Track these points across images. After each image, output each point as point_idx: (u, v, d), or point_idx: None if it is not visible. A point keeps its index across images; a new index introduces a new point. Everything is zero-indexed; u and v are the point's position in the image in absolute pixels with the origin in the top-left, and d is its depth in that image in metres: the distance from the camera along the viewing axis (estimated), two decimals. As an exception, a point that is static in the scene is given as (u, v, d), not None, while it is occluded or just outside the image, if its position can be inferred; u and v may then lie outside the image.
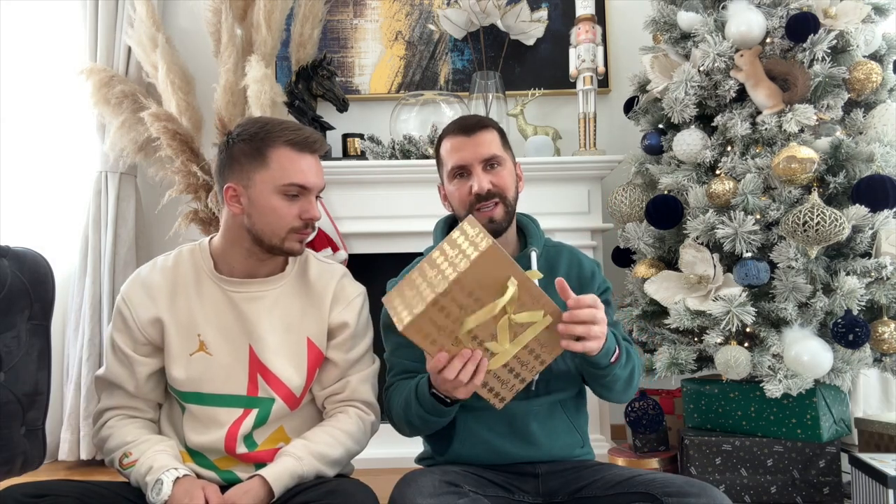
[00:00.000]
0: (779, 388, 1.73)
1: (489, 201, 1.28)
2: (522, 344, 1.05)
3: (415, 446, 1.46)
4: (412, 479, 1.14)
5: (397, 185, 2.47)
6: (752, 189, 1.82)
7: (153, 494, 1.12)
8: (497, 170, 1.30)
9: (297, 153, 1.21)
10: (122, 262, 2.56)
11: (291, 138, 1.21)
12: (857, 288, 1.72)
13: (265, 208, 1.21)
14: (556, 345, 1.07)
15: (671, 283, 1.98)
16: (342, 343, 1.31)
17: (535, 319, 1.03)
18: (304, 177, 1.21)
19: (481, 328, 1.02)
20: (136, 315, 1.25)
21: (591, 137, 2.57)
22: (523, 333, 1.04)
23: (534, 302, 1.03)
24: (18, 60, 2.58)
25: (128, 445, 1.21)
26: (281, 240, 1.23)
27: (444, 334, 1.00)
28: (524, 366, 1.08)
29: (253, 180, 1.21)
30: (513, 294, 0.99)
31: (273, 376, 1.25)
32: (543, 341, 1.06)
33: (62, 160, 2.64)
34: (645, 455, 2.09)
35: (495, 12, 2.64)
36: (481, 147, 1.29)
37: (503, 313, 1.01)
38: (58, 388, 2.51)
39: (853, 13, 1.85)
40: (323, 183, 1.27)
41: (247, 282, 1.27)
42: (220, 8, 2.46)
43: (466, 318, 1.00)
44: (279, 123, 1.23)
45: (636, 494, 1.11)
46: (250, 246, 1.25)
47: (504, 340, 1.03)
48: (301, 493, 1.13)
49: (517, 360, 1.07)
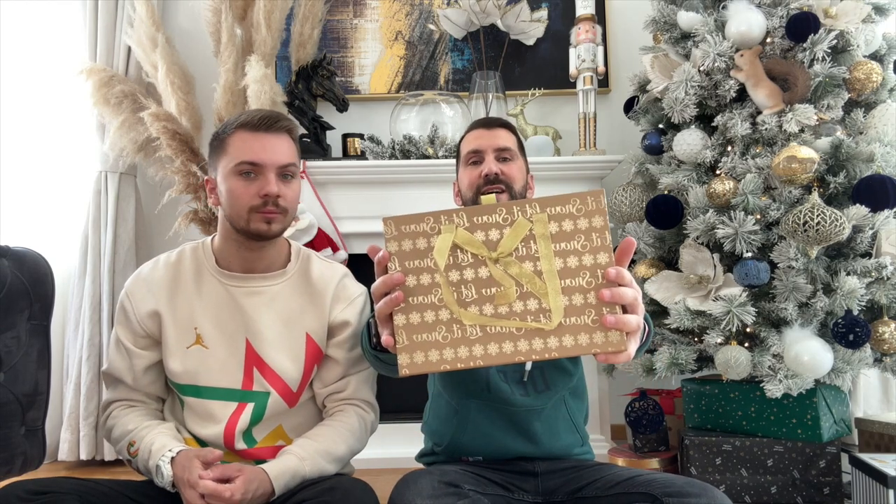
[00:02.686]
0: (779, 388, 1.73)
1: (496, 185, 1.33)
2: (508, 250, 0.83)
3: (415, 446, 1.46)
4: (411, 480, 1.13)
5: (397, 185, 2.47)
6: (752, 189, 1.82)
7: (158, 480, 1.16)
8: (508, 162, 1.36)
9: (251, 133, 1.22)
10: (122, 262, 2.56)
11: (245, 121, 1.23)
12: (858, 288, 1.72)
13: (227, 192, 1.23)
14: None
15: (671, 283, 1.98)
16: (344, 341, 1.32)
17: (522, 233, 0.83)
18: (255, 154, 1.21)
19: (479, 298, 0.83)
20: (136, 308, 1.28)
21: (591, 137, 2.57)
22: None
23: (502, 218, 0.84)
24: (18, 60, 2.58)
25: (130, 434, 1.24)
26: (246, 221, 1.22)
27: (439, 334, 0.82)
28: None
29: (218, 170, 1.26)
30: (455, 237, 0.83)
31: (269, 370, 1.27)
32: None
33: (62, 160, 2.63)
34: (645, 455, 2.09)
35: (495, 12, 2.64)
36: (498, 139, 1.37)
37: (480, 264, 0.83)
38: (58, 388, 2.51)
39: (853, 13, 1.85)
40: (285, 160, 1.23)
41: (247, 277, 1.29)
42: (220, 8, 2.46)
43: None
44: (243, 113, 1.26)
45: (636, 494, 1.11)
46: (236, 237, 1.27)
47: (509, 285, 0.82)
48: (300, 491, 1.13)
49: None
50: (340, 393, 1.33)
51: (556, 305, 0.81)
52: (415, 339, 0.82)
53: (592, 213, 0.83)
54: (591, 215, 0.83)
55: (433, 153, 2.45)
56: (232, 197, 1.23)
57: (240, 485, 1.10)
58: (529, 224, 0.83)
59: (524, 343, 0.81)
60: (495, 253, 0.83)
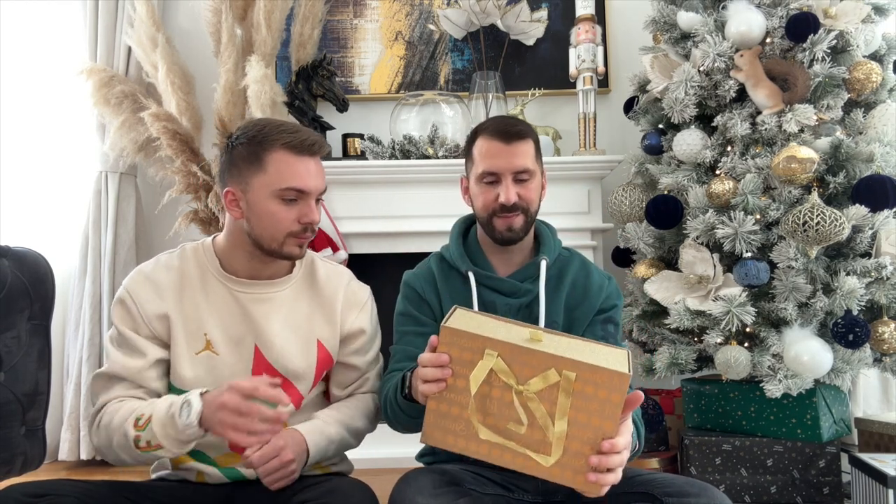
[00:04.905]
0: (779, 388, 1.73)
1: (513, 212, 1.29)
2: (562, 412, 0.95)
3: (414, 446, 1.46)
4: (412, 478, 1.14)
5: (397, 185, 2.47)
6: (752, 189, 1.82)
7: (183, 417, 1.07)
8: (526, 183, 1.30)
9: (295, 156, 1.19)
10: (122, 262, 2.56)
11: (288, 141, 1.18)
12: (857, 288, 1.72)
13: (263, 213, 1.19)
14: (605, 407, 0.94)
15: (671, 283, 1.98)
16: (361, 348, 1.35)
17: (550, 381, 0.94)
18: (302, 181, 1.19)
19: (498, 414, 0.97)
20: (142, 310, 1.22)
21: (591, 137, 2.57)
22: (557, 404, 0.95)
23: (539, 364, 0.95)
24: (19, 60, 2.58)
25: (135, 411, 1.14)
26: (279, 244, 1.21)
27: (459, 427, 0.98)
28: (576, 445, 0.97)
29: (251, 185, 1.19)
30: (493, 364, 0.95)
31: (279, 376, 1.25)
32: (583, 406, 0.95)
33: (62, 160, 2.63)
34: (645, 455, 2.09)
35: (495, 12, 2.64)
36: (517, 158, 1.28)
37: (508, 390, 0.96)
38: (58, 388, 2.51)
39: (853, 13, 1.85)
40: (323, 185, 1.24)
41: (253, 283, 1.27)
42: (220, 8, 2.46)
43: (467, 403, 0.97)
44: (278, 126, 1.20)
45: (636, 494, 1.11)
46: (252, 249, 1.24)
47: (523, 416, 0.96)
48: (300, 492, 1.13)
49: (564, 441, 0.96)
50: (359, 389, 1.37)
51: (555, 449, 0.96)
52: (438, 423, 1.00)
53: (614, 389, 0.94)
54: (612, 391, 0.94)
55: (433, 153, 2.45)
56: (271, 220, 1.19)
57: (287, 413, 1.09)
58: (559, 378, 0.95)
59: (521, 461, 0.98)
60: (521, 387, 0.96)
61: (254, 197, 1.19)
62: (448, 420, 0.99)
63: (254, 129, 1.21)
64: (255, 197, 1.19)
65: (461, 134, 2.55)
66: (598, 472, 0.95)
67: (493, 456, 0.98)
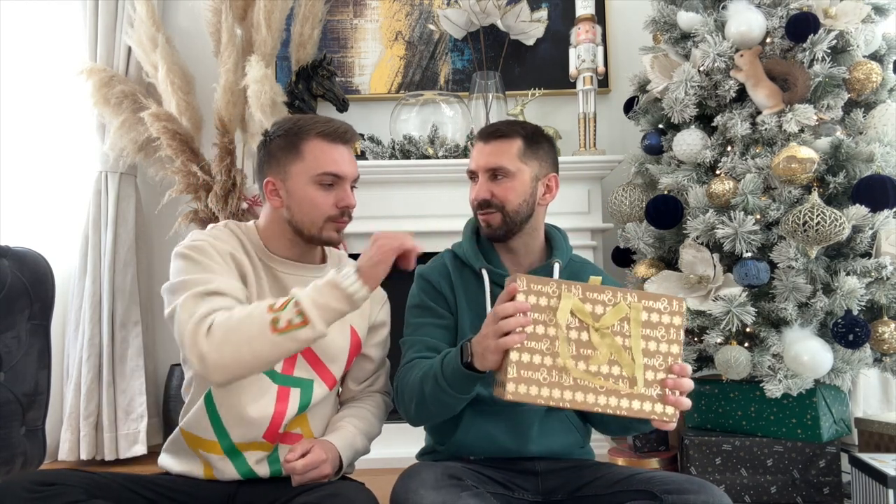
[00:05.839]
0: (779, 388, 1.73)
1: (487, 209, 1.32)
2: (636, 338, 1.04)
3: (414, 446, 1.46)
4: (415, 471, 1.14)
5: (397, 185, 2.47)
6: (752, 189, 1.82)
7: (347, 283, 1.10)
8: (501, 181, 1.31)
9: (330, 143, 1.26)
10: (122, 262, 2.56)
11: (323, 130, 1.26)
12: (857, 288, 1.72)
13: (302, 199, 1.25)
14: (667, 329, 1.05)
15: (671, 283, 1.98)
16: (381, 342, 1.41)
17: (621, 314, 1.04)
18: (338, 166, 1.26)
19: (578, 355, 1.02)
20: (219, 249, 1.22)
21: (591, 137, 2.57)
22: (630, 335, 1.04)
23: (609, 299, 1.04)
24: (18, 60, 2.58)
25: (260, 304, 1.10)
26: (319, 229, 1.26)
27: (543, 376, 1.02)
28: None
29: (289, 173, 1.26)
30: (573, 305, 1.02)
31: (316, 358, 1.28)
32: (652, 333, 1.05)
33: (62, 160, 2.63)
34: (645, 455, 2.09)
35: (495, 12, 2.64)
36: (490, 157, 1.32)
37: (584, 329, 1.03)
38: (58, 388, 2.51)
39: (853, 13, 1.85)
40: (357, 172, 1.31)
41: (297, 265, 1.31)
42: (220, 8, 2.47)
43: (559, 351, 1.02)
44: (311, 118, 1.29)
45: (636, 492, 1.11)
46: (292, 237, 1.29)
47: (604, 352, 1.03)
48: (303, 493, 1.13)
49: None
50: (371, 386, 1.41)
51: (637, 375, 1.03)
52: (522, 374, 1.01)
53: (674, 313, 1.06)
54: (672, 314, 1.06)
55: (433, 153, 2.45)
56: (310, 205, 1.25)
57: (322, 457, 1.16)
58: (628, 309, 1.04)
59: (602, 398, 1.03)
60: (598, 324, 1.04)
61: (293, 184, 1.26)
62: (530, 369, 1.01)
63: (289, 122, 1.30)
64: (294, 184, 1.26)
65: (461, 134, 2.55)
66: (675, 395, 1.03)
67: (574, 401, 1.02)
